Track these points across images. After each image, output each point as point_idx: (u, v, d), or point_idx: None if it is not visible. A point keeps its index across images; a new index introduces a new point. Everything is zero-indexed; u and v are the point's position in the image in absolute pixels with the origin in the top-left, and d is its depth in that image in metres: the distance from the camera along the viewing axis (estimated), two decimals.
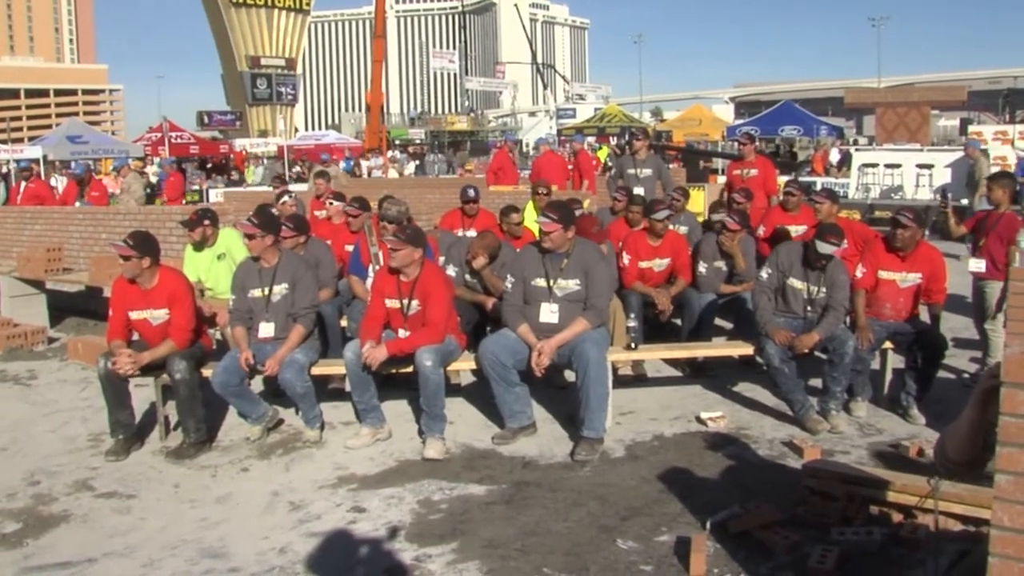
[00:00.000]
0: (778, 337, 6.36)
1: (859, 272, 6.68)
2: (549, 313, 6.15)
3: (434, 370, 5.98)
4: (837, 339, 6.34)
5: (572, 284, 6.16)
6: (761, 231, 8.52)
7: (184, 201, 21.15)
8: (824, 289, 6.48)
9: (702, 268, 7.77)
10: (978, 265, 7.42)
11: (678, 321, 7.99)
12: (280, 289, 6.41)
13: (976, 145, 17.90)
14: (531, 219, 8.88)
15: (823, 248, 6.37)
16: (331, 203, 8.90)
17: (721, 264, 7.83)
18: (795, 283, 6.58)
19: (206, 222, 7.94)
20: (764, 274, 6.75)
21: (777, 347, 6.34)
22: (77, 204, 17.05)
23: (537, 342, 6.03)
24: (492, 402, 6.41)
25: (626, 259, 7.76)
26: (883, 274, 6.62)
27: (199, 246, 7.98)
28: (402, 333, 6.20)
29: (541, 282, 6.20)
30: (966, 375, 7.57)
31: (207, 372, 6.34)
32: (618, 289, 7.47)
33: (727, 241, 7.70)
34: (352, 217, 8.19)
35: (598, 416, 5.93)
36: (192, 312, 6.40)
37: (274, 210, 8.03)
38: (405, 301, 6.20)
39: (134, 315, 6.26)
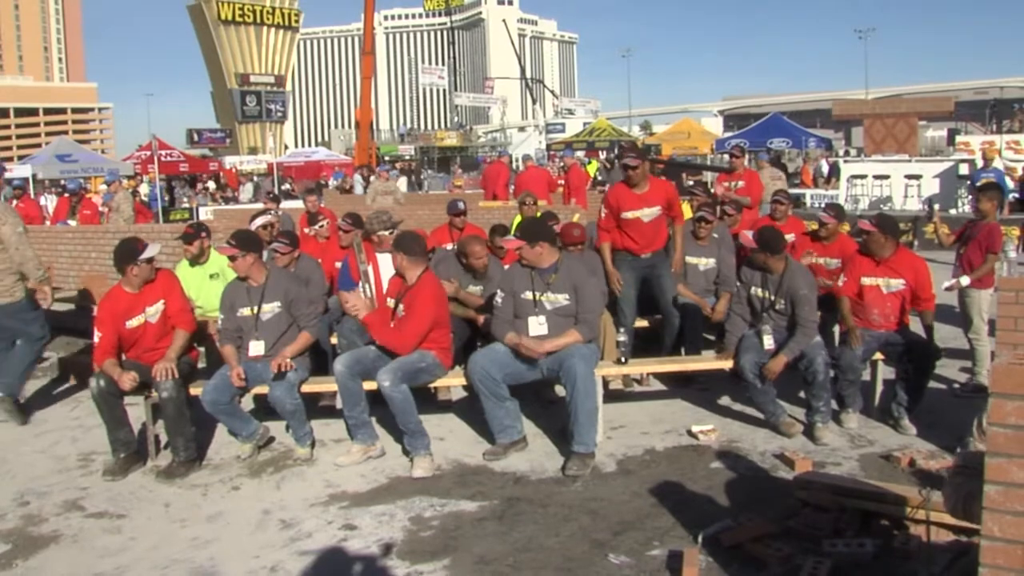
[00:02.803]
0: (724, 354, 6.77)
1: (840, 281, 6.74)
2: (537, 326, 6.17)
3: (393, 388, 5.97)
4: (806, 358, 6.36)
5: (561, 298, 6.18)
6: (741, 240, 8.54)
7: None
8: (782, 300, 6.50)
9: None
10: (951, 282, 7.47)
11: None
12: (270, 307, 6.40)
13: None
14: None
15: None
16: (321, 225, 8.92)
17: (698, 262, 7.94)
18: (756, 291, 6.68)
19: (203, 234, 7.94)
20: (737, 286, 6.98)
21: (751, 361, 6.44)
22: (71, 222, 17.00)
23: (524, 340, 6.08)
24: (483, 418, 6.40)
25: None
26: (865, 280, 6.66)
27: (194, 261, 7.94)
28: None
29: (529, 295, 6.23)
30: (956, 385, 7.59)
31: (196, 391, 6.31)
32: (609, 303, 7.48)
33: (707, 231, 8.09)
34: (343, 232, 8.20)
35: (588, 431, 5.93)
36: (186, 296, 6.63)
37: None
38: (394, 301, 6.32)
39: (131, 323, 6.23)
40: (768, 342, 6.47)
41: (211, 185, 36.40)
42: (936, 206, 13.67)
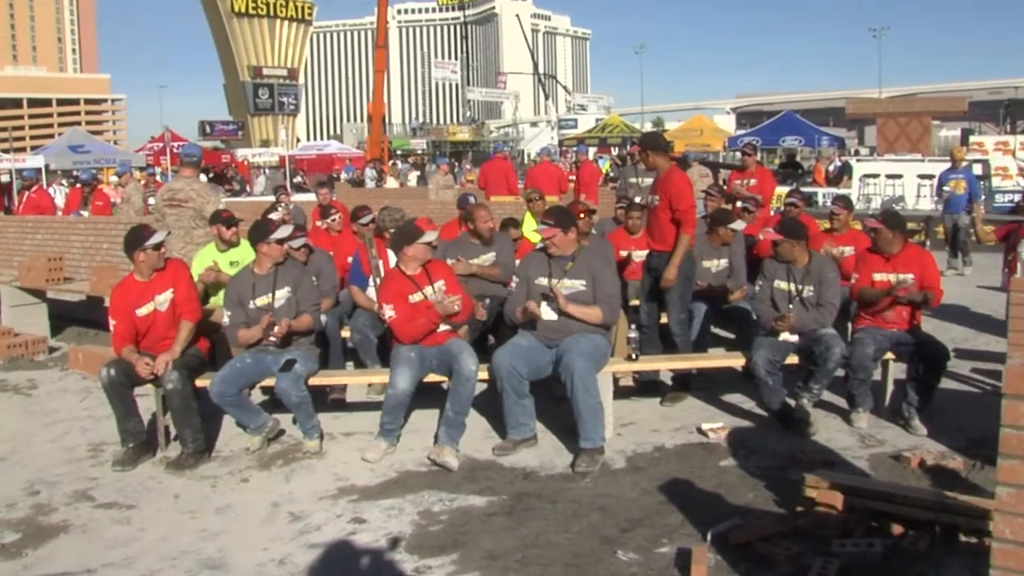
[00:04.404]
0: (780, 324, 6.51)
1: (853, 279, 6.74)
2: (549, 312, 6.18)
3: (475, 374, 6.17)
4: (823, 343, 6.39)
5: (578, 284, 6.22)
6: (761, 236, 8.52)
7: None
8: (810, 287, 6.59)
9: None
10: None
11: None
12: (283, 293, 6.43)
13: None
14: (528, 228, 8.90)
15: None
16: (333, 219, 8.89)
17: (711, 264, 7.85)
18: (780, 284, 6.70)
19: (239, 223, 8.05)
20: (757, 287, 6.93)
21: (764, 358, 6.44)
22: (83, 213, 17.01)
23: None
24: (492, 412, 6.42)
25: None
26: (877, 277, 6.65)
27: (228, 246, 7.93)
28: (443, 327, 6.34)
29: (543, 281, 6.27)
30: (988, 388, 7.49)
31: (204, 383, 6.32)
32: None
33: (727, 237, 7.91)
34: (362, 226, 8.20)
35: (593, 427, 5.92)
36: (194, 286, 6.65)
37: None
38: (428, 288, 6.34)
39: (142, 311, 6.25)
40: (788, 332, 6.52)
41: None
42: (977, 202, 13.45)
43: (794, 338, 6.52)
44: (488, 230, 7.71)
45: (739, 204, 9.72)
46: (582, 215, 7.58)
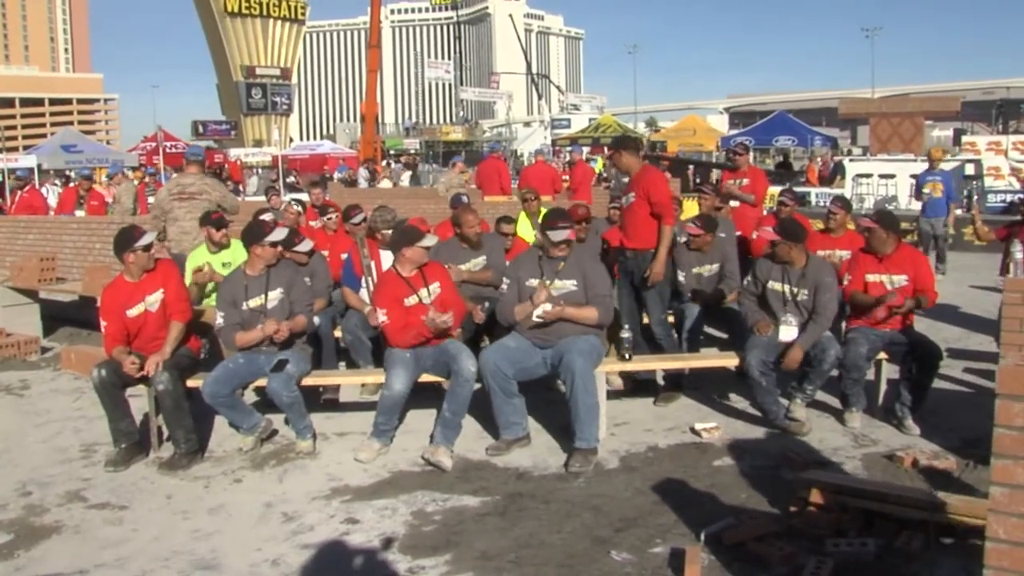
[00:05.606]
0: (760, 328, 6.53)
1: (845, 280, 6.72)
2: (542, 311, 6.17)
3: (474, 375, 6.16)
4: (819, 346, 6.39)
5: (569, 284, 6.22)
6: (755, 235, 8.52)
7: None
8: (805, 291, 6.54)
9: (680, 277, 7.66)
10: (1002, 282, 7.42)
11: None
12: (275, 295, 6.40)
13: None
14: (522, 227, 8.89)
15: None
16: (330, 217, 8.87)
17: (702, 270, 7.82)
18: (775, 286, 6.65)
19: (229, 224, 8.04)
20: (745, 281, 6.96)
21: (757, 359, 6.41)
22: (78, 213, 16.93)
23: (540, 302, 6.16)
24: (485, 413, 6.40)
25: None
26: (870, 277, 6.65)
27: (219, 248, 7.90)
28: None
29: (535, 282, 6.26)
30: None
31: (196, 383, 6.30)
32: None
33: (699, 244, 7.76)
34: (354, 225, 8.17)
35: (589, 427, 5.91)
36: (184, 286, 6.65)
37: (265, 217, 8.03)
38: (424, 291, 6.34)
39: (132, 312, 6.23)
40: (785, 332, 6.48)
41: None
42: (975, 197, 13.39)
43: (790, 337, 6.49)
44: (476, 235, 7.68)
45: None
46: (581, 222, 7.62)
